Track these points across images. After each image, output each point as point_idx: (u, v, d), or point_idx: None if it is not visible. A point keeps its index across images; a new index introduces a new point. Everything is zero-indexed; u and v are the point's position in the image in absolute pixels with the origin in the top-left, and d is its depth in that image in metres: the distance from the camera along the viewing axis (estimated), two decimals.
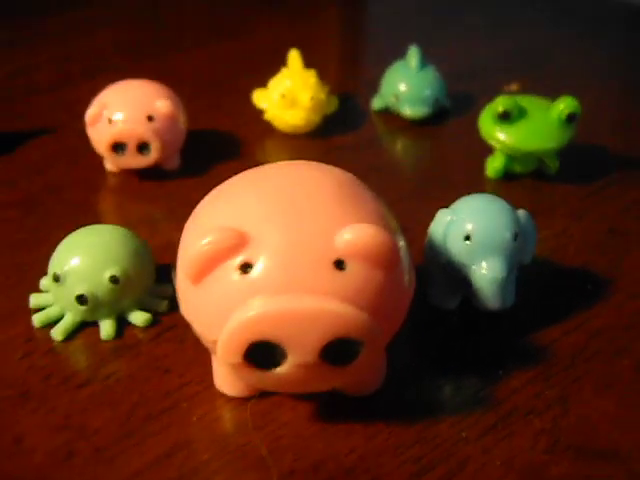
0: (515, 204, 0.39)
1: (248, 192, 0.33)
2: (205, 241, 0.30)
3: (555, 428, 0.33)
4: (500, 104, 0.49)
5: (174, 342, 0.38)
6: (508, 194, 0.42)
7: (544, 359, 0.37)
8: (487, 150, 0.53)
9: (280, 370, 0.30)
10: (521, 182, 0.51)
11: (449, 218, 0.38)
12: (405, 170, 0.57)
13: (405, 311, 0.32)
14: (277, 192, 0.32)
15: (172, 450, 0.33)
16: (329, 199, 0.31)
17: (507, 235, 0.37)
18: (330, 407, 0.34)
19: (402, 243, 0.32)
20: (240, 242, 0.30)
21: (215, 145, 0.57)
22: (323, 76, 0.59)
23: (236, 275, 0.30)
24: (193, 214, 0.34)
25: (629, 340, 0.38)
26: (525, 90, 0.60)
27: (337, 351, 0.29)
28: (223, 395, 0.35)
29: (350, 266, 0.30)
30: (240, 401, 0.35)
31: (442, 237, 0.38)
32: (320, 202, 0.31)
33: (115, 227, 0.40)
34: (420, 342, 0.39)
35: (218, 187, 0.34)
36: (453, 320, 0.40)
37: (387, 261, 0.30)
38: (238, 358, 0.29)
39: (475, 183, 0.53)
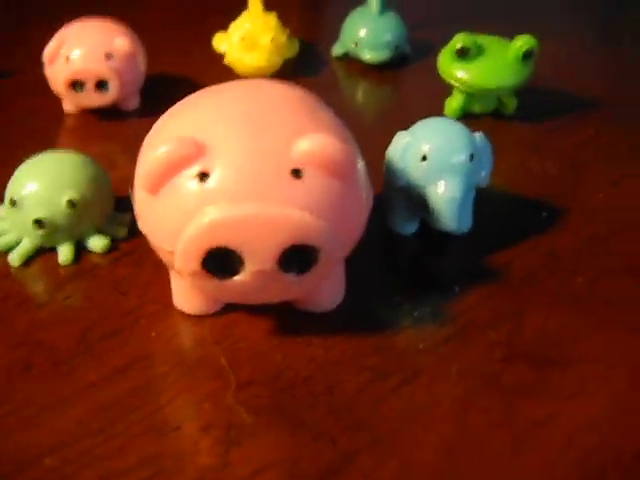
0: None
1: (205, 104, 0.33)
2: (161, 150, 0.30)
3: (509, 340, 0.34)
4: (458, 41, 0.49)
5: (132, 266, 0.38)
6: None
7: (499, 278, 0.38)
8: (446, 93, 0.53)
9: (238, 278, 0.30)
10: (479, 121, 0.52)
11: (406, 140, 0.38)
12: (365, 112, 0.57)
13: (362, 224, 0.33)
14: (234, 103, 0.32)
15: (130, 363, 0.33)
16: (287, 110, 0.31)
17: (463, 155, 0.37)
18: (288, 322, 0.35)
19: (360, 160, 0.32)
20: (197, 151, 0.30)
21: (174, 88, 0.56)
22: (284, 22, 0.59)
23: (193, 184, 0.30)
24: (151, 130, 0.34)
25: (582, 261, 0.39)
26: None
27: (294, 259, 0.29)
28: (182, 313, 0.35)
29: (307, 175, 0.30)
30: (198, 318, 0.35)
31: (400, 158, 0.38)
32: (278, 113, 0.31)
33: (73, 153, 0.40)
34: (379, 264, 0.39)
35: (176, 104, 0.34)
36: (411, 243, 0.40)
37: (344, 170, 0.30)
38: (196, 266, 0.29)
39: None
